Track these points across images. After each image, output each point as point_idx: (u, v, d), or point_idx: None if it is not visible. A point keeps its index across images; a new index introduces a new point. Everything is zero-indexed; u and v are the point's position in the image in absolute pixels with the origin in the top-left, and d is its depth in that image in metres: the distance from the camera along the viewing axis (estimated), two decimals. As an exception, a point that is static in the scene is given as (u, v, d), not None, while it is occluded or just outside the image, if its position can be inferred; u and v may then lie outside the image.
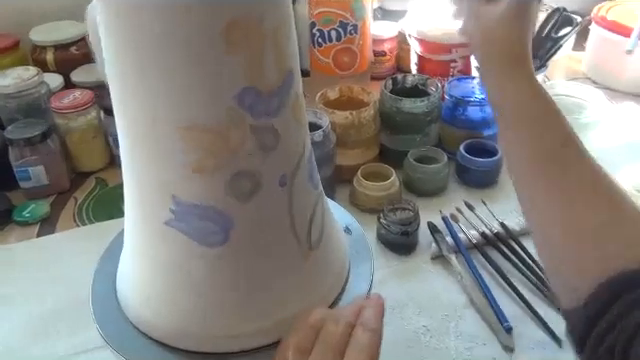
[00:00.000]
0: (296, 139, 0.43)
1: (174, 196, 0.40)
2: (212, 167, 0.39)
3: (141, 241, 0.44)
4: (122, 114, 0.40)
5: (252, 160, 0.39)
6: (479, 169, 0.82)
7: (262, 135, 0.39)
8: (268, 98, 0.39)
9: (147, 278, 0.45)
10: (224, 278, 0.43)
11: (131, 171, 0.42)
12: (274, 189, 0.42)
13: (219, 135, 0.38)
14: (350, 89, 0.86)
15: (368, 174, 0.80)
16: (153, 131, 0.38)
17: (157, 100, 0.37)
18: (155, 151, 0.39)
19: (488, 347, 0.61)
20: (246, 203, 0.40)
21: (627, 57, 0.98)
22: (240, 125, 0.38)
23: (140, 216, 0.43)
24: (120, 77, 0.38)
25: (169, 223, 0.41)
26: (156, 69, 0.36)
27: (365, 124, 0.81)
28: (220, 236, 0.41)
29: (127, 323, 0.47)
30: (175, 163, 0.39)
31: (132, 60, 0.36)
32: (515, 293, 0.66)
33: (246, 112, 0.38)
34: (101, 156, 0.89)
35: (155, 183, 0.40)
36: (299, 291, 0.46)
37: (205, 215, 0.40)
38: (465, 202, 0.78)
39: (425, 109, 0.83)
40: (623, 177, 0.76)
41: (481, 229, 0.74)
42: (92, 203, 0.83)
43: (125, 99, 0.39)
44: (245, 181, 0.40)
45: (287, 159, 0.42)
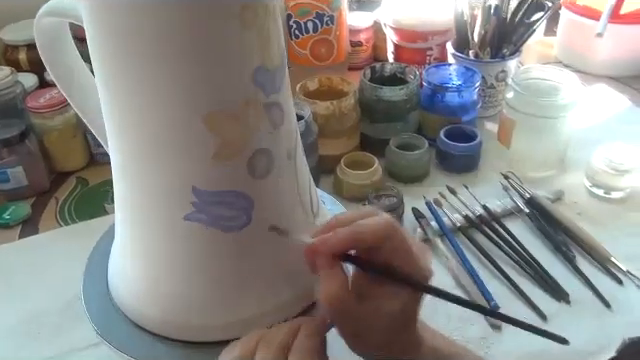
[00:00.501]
0: (293, 113, 0.44)
1: (194, 188, 0.40)
2: (233, 151, 0.39)
3: (151, 241, 0.43)
4: (124, 113, 0.39)
5: (266, 138, 0.40)
6: (460, 154, 0.83)
7: (272, 112, 0.40)
8: (273, 75, 0.40)
9: (160, 277, 0.44)
10: (250, 261, 0.43)
11: (135, 172, 0.41)
12: (284, 163, 0.43)
13: (238, 117, 0.38)
14: (329, 79, 0.87)
15: (351, 163, 0.81)
16: (170, 124, 0.38)
17: (177, 91, 0.37)
18: (172, 146, 0.38)
19: (476, 327, 0.62)
20: (263, 180, 0.41)
21: (597, 40, 1.00)
22: (256, 104, 0.39)
23: (150, 216, 0.42)
24: (124, 71, 0.37)
25: (189, 217, 0.41)
26: (176, 56, 0.36)
27: (346, 113, 0.81)
28: (243, 219, 0.41)
29: (126, 322, 0.47)
30: (195, 153, 0.39)
31: (146, 51, 0.35)
32: (500, 272, 0.68)
33: (260, 90, 0.39)
34: (81, 155, 0.88)
35: (171, 179, 0.40)
36: None
37: (227, 201, 0.40)
38: (448, 187, 0.79)
39: (404, 97, 0.84)
40: (599, 156, 0.78)
41: (464, 212, 0.75)
42: (74, 203, 0.82)
43: (131, 97, 0.38)
44: (262, 159, 0.41)
45: (290, 133, 0.44)
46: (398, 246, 0.38)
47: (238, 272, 0.43)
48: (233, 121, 0.38)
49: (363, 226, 0.38)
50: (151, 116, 0.38)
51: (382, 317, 0.40)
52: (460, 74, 0.91)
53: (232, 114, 0.38)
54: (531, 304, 0.64)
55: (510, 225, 0.74)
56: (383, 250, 0.38)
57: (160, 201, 0.41)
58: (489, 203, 0.76)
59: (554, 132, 0.81)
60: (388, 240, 0.38)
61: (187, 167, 0.39)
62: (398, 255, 0.39)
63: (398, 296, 0.39)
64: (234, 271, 0.43)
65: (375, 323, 0.40)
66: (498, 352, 0.59)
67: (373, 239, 0.38)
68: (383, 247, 0.38)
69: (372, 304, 0.39)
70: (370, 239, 0.38)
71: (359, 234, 0.38)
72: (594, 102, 0.99)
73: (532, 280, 0.67)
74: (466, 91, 0.86)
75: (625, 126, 0.94)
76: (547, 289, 0.66)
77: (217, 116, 0.38)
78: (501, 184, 0.81)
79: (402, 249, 0.39)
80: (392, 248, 0.38)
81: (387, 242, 0.38)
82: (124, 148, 0.41)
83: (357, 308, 0.39)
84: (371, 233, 0.38)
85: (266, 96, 0.40)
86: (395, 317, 0.40)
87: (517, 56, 0.93)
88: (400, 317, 0.40)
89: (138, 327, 0.47)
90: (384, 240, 0.38)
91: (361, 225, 0.38)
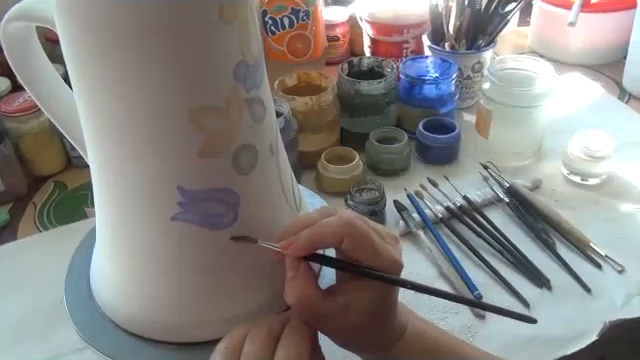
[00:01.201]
0: (272, 108, 0.45)
1: (180, 187, 0.39)
2: (218, 147, 0.39)
3: (136, 243, 0.43)
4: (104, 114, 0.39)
5: (250, 133, 0.41)
6: (439, 146, 0.84)
7: (254, 107, 0.41)
8: (254, 70, 0.40)
9: (146, 278, 0.44)
10: (238, 259, 0.43)
11: (116, 175, 0.41)
12: (268, 158, 0.43)
13: (222, 113, 0.38)
14: (307, 75, 0.87)
15: (331, 158, 0.81)
16: (154, 123, 0.37)
17: (161, 88, 0.36)
18: (156, 145, 0.38)
19: (460, 316, 0.63)
20: (248, 176, 0.41)
21: (570, 29, 1.01)
22: (237, 100, 0.39)
23: (134, 219, 0.42)
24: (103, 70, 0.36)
25: (176, 217, 0.40)
26: (158, 53, 0.35)
27: (325, 109, 0.81)
28: (230, 216, 0.41)
29: (111, 325, 0.47)
30: (180, 152, 0.38)
31: (126, 49, 0.35)
32: (482, 261, 0.68)
33: (241, 86, 0.39)
34: (58, 159, 0.87)
35: (156, 179, 0.40)
36: None
37: (214, 198, 0.40)
38: (428, 179, 0.80)
39: (383, 90, 0.84)
40: (575, 144, 0.80)
41: (445, 204, 0.76)
42: (53, 207, 0.81)
43: (110, 98, 0.37)
44: (247, 155, 0.41)
45: (271, 127, 0.44)
46: (360, 242, 0.39)
47: (226, 270, 0.43)
48: (218, 116, 0.39)
49: (322, 227, 0.39)
50: (133, 116, 0.38)
51: (351, 313, 0.40)
52: (437, 66, 0.92)
53: (216, 109, 0.38)
54: (514, 291, 0.65)
55: (491, 215, 0.75)
56: (345, 247, 0.39)
57: (144, 204, 0.41)
58: (469, 193, 0.77)
59: (530, 121, 0.82)
60: (348, 237, 0.39)
61: (172, 166, 0.39)
62: (361, 250, 0.39)
63: (367, 290, 0.40)
64: (222, 269, 0.43)
65: (347, 319, 0.40)
66: (482, 340, 0.60)
67: (333, 239, 0.39)
68: (345, 244, 0.39)
69: (341, 300, 0.40)
70: (330, 240, 0.39)
71: (319, 235, 0.39)
72: (568, 91, 1.01)
73: (514, 268, 0.68)
74: (443, 83, 0.86)
75: (599, 113, 0.96)
76: (528, 276, 0.67)
77: (202, 112, 0.38)
78: (481, 174, 0.82)
79: (364, 244, 0.39)
80: (354, 245, 0.39)
81: (347, 239, 0.39)
82: (104, 151, 0.41)
83: (326, 306, 0.40)
84: (330, 234, 0.39)
85: (247, 91, 0.40)
86: (366, 311, 0.41)
87: (492, 47, 0.94)
88: (371, 310, 0.41)
89: (123, 330, 0.46)
90: (343, 237, 0.39)
91: (320, 226, 0.39)
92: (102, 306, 0.48)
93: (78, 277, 0.52)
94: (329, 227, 0.39)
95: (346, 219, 0.39)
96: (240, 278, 0.44)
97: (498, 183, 0.79)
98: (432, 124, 0.86)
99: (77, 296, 0.50)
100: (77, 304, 0.50)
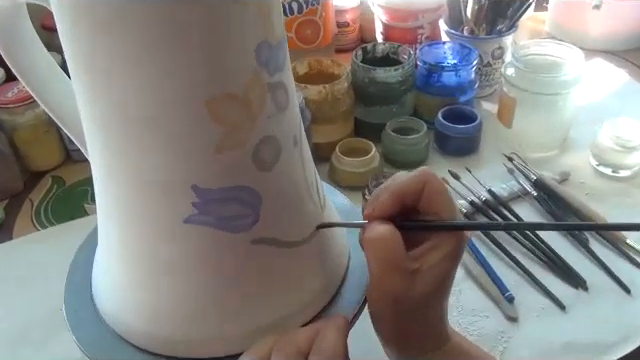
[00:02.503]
0: (295, 95, 0.40)
1: (195, 187, 0.35)
2: (237, 140, 0.34)
3: (145, 249, 0.38)
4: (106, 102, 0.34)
5: (272, 123, 0.36)
6: (459, 136, 0.79)
7: (277, 93, 0.36)
8: (277, 50, 0.35)
9: (155, 288, 0.39)
10: (260, 264, 0.38)
11: (120, 172, 0.36)
12: (291, 150, 0.38)
13: (242, 101, 0.33)
14: (319, 62, 0.82)
15: (346, 150, 0.76)
16: (167, 115, 0.33)
17: (174, 75, 0.31)
18: (168, 140, 0.33)
19: (492, 320, 0.58)
20: (270, 172, 0.36)
21: (591, 14, 0.97)
22: (259, 85, 0.34)
23: (141, 221, 0.37)
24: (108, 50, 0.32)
25: (190, 220, 0.35)
26: (171, 34, 0.30)
27: (339, 98, 0.77)
28: (251, 217, 0.36)
29: (114, 337, 0.42)
30: (195, 147, 0.34)
31: (137, 33, 0.30)
32: (511, 260, 0.64)
33: (263, 69, 0.34)
34: (55, 153, 0.82)
35: (167, 178, 0.35)
36: (321, 259, 0.42)
37: (232, 197, 0.35)
38: (449, 171, 0.75)
39: (399, 78, 0.79)
40: (605, 133, 0.75)
41: (469, 198, 0.71)
42: (50, 204, 0.77)
43: (117, 87, 0.32)
44: (269, 148, 0.36)
45: (295, 117, 0.39)
46: (438, 190, 0.38)
47: (247, 278, 0.38)
48: (237, 105, 0.34)
49: (401, 181, 0.38)
50: (140, 106, 0.32)
51: (426, 277, 0.37)
52: (455, 52, 0.87)
53: (236, 97, 0.33)
54: (548, 293, 0.60)
55: (518, 209, 0.70)
56: (425, 199, 0.37)
57: (154, 205, 0.36)
58: (494, 187, 0.73)
59: (557, 110, 0.77)
60: (427, 186, 0.37)
61: (186, 163, 0.34)
62: (441, 201, 0.38)
63: (440, 249, 0.37)
64: (243, 277, 0.38)
65: (420, 285, 0.37)
66: (516, 346, 0.56)
67: (415, 189, 0.37)
68: (424, 196, 0.37)
69: (418, 262, 0.37)
70: (412, 190, 0.37)
71: (400, 189, 0.38)
72: (592, 78, 0.96)
73: (546, 267, 0.63)
74: (463, 70, 0.81)
75: (626, 101, 0.91)
76: (562, 276, 0.62)
77: (220, 101, 0.33)
78: (505, 166, 0.77)
79: (442, 193, 0.38)
80: (433, 194, 0.37)
81: (427, 189, 0.37)
82: (106, 146, 0.36)
83: (405, 262, 0.37)
84: (411, 185, 0.38)
85: (270, 75, 0.35)
86: (438, 275, 0.38)
87: (514, 31, 0.89)
88: (442, 273, 0.38)
89: (129, 344, 0.42)
90: (424, 187, 0.37)
91: (398, 180, 0.38)
92: (106, 316, 0.43)
93: (79, 282, 0.47)
94: (408, 180, 0.38)
95: (422, 170, 0.38)
96: (263, 286, 0.39)
97: (524, 175, 0.75)
98: (451, 113, 0.81)
99: (78, 304, 0.46)
100: (78, 313, 0.45)
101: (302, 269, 0.41)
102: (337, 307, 0.43)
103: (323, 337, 0.36)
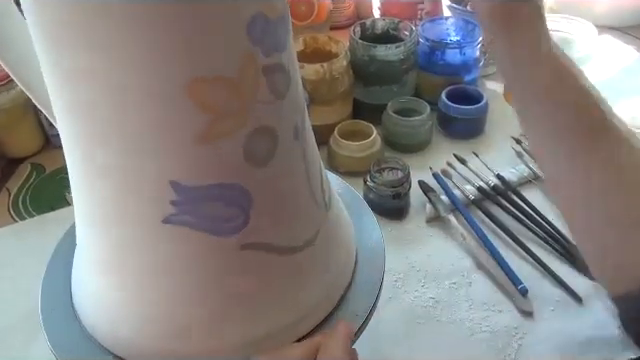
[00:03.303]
0: (299, 79, 0.35)
1: (174, 182, 0.30)
2: (225, 130, 0.29)
3: (122, 250, 0.34)
4: (72, 82, 0.29)
5: (267, 112, 0.31)
6: (465, 117, 0.74)
7: (274, 77, 0.31)
8: (275, 26, 0.30)
9: (135, 293, 0.35)
10: (247, 272, 0.34)
11: (89, 161, 0.31)
12: (290, 144, 0.33)
13: (230, 85, 0.29)
14: (315, 39, 0.77)
15: (345, 133, 0.71)
16: (142, 98, 0.28)
17: (151, 52, 0.27)
18: (143, 127, 0.29)
19: (505, 314, 0.55)
20: (264, 168, 0.32)
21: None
22: (252, 66, 0.29)
23: (115, 219, 0.33)
24: (75, 31, 0.27)
25: (169, 220, 0.31)
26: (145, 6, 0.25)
27: (337, 77, 0.72)
28: (240, 219, 0.32)
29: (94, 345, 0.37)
30: (174, 136, 0.29)
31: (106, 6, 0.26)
32: (524, 250, 0.60)
33: (257, 47, 0.29)
34: (34, 138, 0.77)
35: (142, 171, 0.30)
36: (323, 264, 0.38)
37: (218, 196, 0.31)
38: (455, 155, 0.71)
39: (401, 56, 0.75)
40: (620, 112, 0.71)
41: (477, 183, 0.67)
42: (29, 193, 0.71)
43: (83, 65, 0.27)
44: (262, 140, 0.31)
45: (297, 105, 0.34)
46: None
47: (235, 287, 0.34)
48: (225, 90, 0.29)
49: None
50: (109, 87, 0.28)
51: None
52: (458, 29, 0.82)
53: (223, 80, 0.29)
54: (563, 285, 0.56)
55: (528, 195, 0.66)
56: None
57: (128, 201, 0.31)
58: (503, 171, 0.68)
59: (567, 89, 0.73)
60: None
61: (164, 155, 0.29)
62: None
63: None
64: (230, 286, 0.34)
65: None
66: (533, 342, 0.52)
67: None
68: None
69: None
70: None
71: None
72: (600, 55, 0.91)
73: (560, 257, 0.60)
74: (468, 47, 0.77)
75: (636, 79, 0.87)
76: (577, 266, 0.58)
77: (203, 83, 0.28)
78: (513, 149, 0.73)
79: None
80: None
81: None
82: (75, 134, 0.31)
83: None
84: None
85: (266, 55, 0.30)
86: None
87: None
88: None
89: (108, 352, 0.37)
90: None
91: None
92: (84, 320, 0.39)
93: (58, 281, 0.43)
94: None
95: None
96: (255, 296, 0.35)
97: (534, 159, 0.70)
98: (455, 93, 0.76)
99: (55, 305, 0.41)
100: (54, 315, 0.40)
101: (301, 277, 0.37)
102: (342, 315, 0.39)
103: (325, 350, 0.32)
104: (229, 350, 0.35)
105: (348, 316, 0.39)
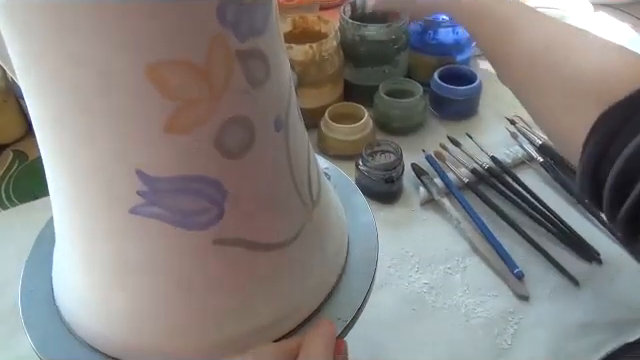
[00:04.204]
0: (284, 66, 0.32)
1: (140, 172, 0.28)
2: (193, 119, 0.27)
3: (93, 242, 0.32)
4: (34, 62, 0.27)
5: (242, 101, 0.29)
6: (458, 98, 0.73)
7: (250, 63, 0.28)
8: (251, 8, 0.28)
9: (107, 287, 0.33)
10: (221, 268, 0.32)
11: (59, 149, 0.29)
12: (270, 135, 0.31)
13: (198, 71, 0.26)
14: (304, 19, 0.75)
15: (336, 116, 0.70)
16: (101, 83, 0.26)
17: (108, 30, 0.24)
18: (105, 113, 0.27)
19: (501, 299, 0.54)
20: (239, 160, 0.30)
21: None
22: (223, 51, 0.27)
23: (83, 209, 0.31)
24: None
25: (137, 211, 0.29)
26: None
27: (327, 58, 0.70)
28: (212, 212, 0.30)
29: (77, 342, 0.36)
30: (139, 124, 0.27)
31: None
32: (519, 233, 0.59)
33: (229, 31, 0.27)
34: (15, 124, 0.75)
35: (107, 160, 0.28)
36: (307, 262, 0.36)
37: (189, 188, 0.29)
38: (448, 137, 0.69)
39: (392, 35, 0.73)
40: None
41: (471, 165, 0.66)
42: (12, 181, 0.69)
43: (41, 44, 0.25)
44: (237, 131, 0.29)
45: (280, 94, 0.32)
46: None
47: (210, 282, 0.32)
48: (192, 76, 0.27)
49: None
50: (69, 70, 0.26)
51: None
52: (451, 7, 0.80)
53: (189, 65, 0.26)
54: (559, 268, 0.55)
55: (523, 177, 0.65)
56: None
57: (97, 190, 0.29)
58: (497, 153, 0.67)
59: (562, 68, 0.72)
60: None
61: (128, 143, 0.27)
62: None
63: None
64: (204, 281, 0.32)
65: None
66: (529, 328, 0.51)
67: None
68: None
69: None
70: None
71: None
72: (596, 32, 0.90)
73: (556, 240, 0.59)
74: (461, 26, 0.75)
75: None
76: (575, 249, 0.57)
77: (167, 68, 0.26)
78: (507, 130, 0.71)
79: None
80: None
81: None
82: (40, 117, 0.29)
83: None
84: None
85: (240, 40, 0.28)
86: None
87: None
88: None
89: (89, 347, 0.36)
90: None
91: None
92: (65, 316, 0.37)
93: (39, 271, 0.41)
94: None
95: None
96: (230, 293, 0.33)
97: (528, 140, 0.69)
98: (447, 74, 0.75)
99: (36, 297, 0.40)
100: (35, 308, 0.39)
101: (282, 274, 0.35)
102: (329, 312, 0.37)
103: (307, 350, 0.31)
104: (205, 349, 0.33)
105: (337, 312, 0.37)
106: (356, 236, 0.42)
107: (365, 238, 0.42)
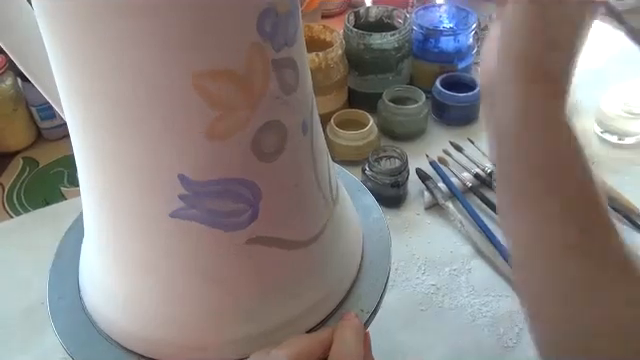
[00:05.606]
0: (308, 73, 0.34)
1: (182, 177, 0.30)
2: (233, 125, 0.29)
3: (129, 243, 0.33)
4: (79, 73, 0.28)
5: (276, 106, 0.31)
6: (459, 105, 0.75)
7: (284, 72, 0.30)
8: (285, 20, 0.30)
9: (140, 287, 0.34)
10: (255, 267, 0.34)
11: (102, 155, 0.31)
12: (299, 139, 0.33)
13: (240, 79, 0.28)
14: (309, 28, 0.76)
15: (341, 122, 0.72)
16: (148, 92, 0.27)
17: (157, 44, 0.26)
18: (150, 121, 0.28)
19: (505, 299, 0.55)
20: (272, 163, 0.32)
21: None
22: (262, 61, 0.29)
23: (125, 212, 0.32)
24: (81, 21, 0.26)
25: (177, 214, 0.31)
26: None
27: (333, 66, 0.72)
28: (248, 213, 0.32)
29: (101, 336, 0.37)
30: (182, 131, 0.29)
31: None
32: (521, 236, 0.61)
33: (267, 42, 0.29)
34: (26, 132, 0.76)
35: (150, 165, 0.30)
36: (330, 258, 0.38)
37: (227, 191, 0.31)
38: (451, 142, 0.71)
39: (396, 44, 0.75)
40: (610, 99, 0.72)
41: (474, 170, 0.68)
42: (24, 188, 0.71)
43: (89, 55, 0.27)
44: (271, 135, 0.31)
45: (306, 99, 0.34)
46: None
47: (242, 280, 0.34)
48: (233, 84, 0.29)
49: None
50: (116, 80, 0.27)
51: None
52: (451, 15, 0.82)
53: (232, 75, 0.28)
54: (561, 269, 0.57)
55: (524, 181, 0.67)
56: None
57: (137, 194, 0.31)
58: (498, 158, 0.69)
59: (561, 75, 0.74)
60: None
61: (171, 149, 0.29)
62: None
63: None
64: (237, 279, 0.34)
65: None
66: (533, 327, 0.53)
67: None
68: None
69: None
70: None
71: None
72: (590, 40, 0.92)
73: (557, 241, 0.60)
74: (462, 34, 0.77)
75: (626, 65, 0.87)
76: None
77: (211, 78, 0.28)
78: (508, 136, 0.73)
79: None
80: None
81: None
82: (83, 126, 0.31)
83: None
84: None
85: (276, 50, 0.30)
86: None
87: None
88: None
89: (116, 344, 0.37)
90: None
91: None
92: (93, 314, 0.39)
93: (65, 272, 0.43)
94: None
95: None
96: (261, 289, 0.35)
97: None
98: (449, 81, 0.77)
99: (63, 296, 0.41)
100: (62, 308, 0.40)
101: (307, 271, 0.37)
102: (352, 304, 0.39)
103: (341, 341, 0.33)
104: (239, 342, 0.35)
105: (355, 309, 0.39)
106: (369, 232, 0.44)
107: (377, 233, 0.44)
